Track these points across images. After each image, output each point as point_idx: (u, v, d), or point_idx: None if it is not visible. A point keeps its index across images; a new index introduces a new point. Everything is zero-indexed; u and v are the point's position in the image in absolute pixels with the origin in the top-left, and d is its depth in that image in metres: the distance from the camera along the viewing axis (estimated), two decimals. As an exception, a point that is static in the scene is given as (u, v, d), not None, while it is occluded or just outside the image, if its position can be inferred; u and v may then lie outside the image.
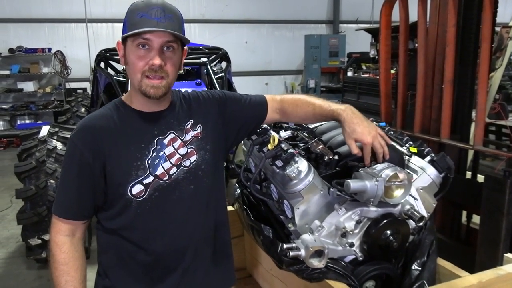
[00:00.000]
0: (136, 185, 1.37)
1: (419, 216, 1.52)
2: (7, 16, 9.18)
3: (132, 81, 1.41)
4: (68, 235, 1.39)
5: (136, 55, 1.36)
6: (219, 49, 5.17)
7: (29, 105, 9.33)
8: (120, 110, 1.44)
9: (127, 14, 1.37)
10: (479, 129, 2.32)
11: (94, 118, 1.43)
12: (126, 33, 1.35)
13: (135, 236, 1.41)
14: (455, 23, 2.40)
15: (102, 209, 1.43)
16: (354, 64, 9.92)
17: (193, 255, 1.48)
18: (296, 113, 1.62)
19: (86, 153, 1.35)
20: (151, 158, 1.39)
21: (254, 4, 11.09)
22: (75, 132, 1.41)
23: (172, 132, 1.45)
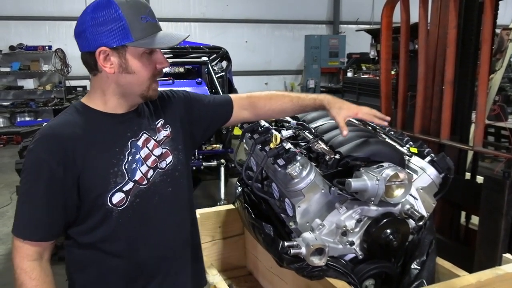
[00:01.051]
0: (116, 193, 1.27)
1: (419, 216, 1.53)
2: (8, 13, 9.18)
3: (131, 89, 1.29)
4: (37, 259, 1.24)
5: (145, 61, 1.27)
6: (219, 49, 5.18)
7: (29, 103, 9.32)
8: (84, 115, 1.30)
9: (123, 15, 1.21)
10: (479, 130, 2.34)
11: (57, 126, 1.27)
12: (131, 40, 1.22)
13: (117, 247, 1.31)
14: (456, 24, 2.42)
15: (74, 224, 1.30)
16: (354, 64, 9.94)
17: (174, 258, 1.43)
18: (270, 106, 1.59)
19: (55, 165, 1.20)
20: (127, 162, 1.29)
21: (254, 3, 11.10)
22: (37, 144, 1.24)
23: (145, 133, 1.36)
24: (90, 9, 1.25)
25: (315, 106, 1.60)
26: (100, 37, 1.22)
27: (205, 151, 4.48)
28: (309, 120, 1.91)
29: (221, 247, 2.23)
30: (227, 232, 2.23)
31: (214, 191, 5.39)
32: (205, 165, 4.38)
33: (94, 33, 1.23)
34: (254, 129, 1.81)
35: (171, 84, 4.50)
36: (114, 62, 1.25)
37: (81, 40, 1.26)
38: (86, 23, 1.24)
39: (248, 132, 1.82)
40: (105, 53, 1.23)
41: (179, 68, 4.90)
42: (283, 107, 1.60)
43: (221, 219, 2.20)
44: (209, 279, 1.89)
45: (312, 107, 1.61)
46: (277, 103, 1.60)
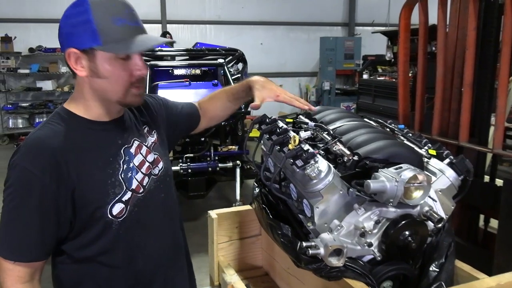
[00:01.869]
0: (116, 204, 1.23)
1: (437, 218, 1.52)
2: (28, 16, 9.38)
3: (106, 95, 1.22)
4: (28, 280, 1.17)
5: (119, 66, 1.18)
6: (235, 51, 5.22)
7: (47, 104, 9.50)
8: (71, 123, 1.24)
9: (93, 15, 1.13)
10: (499, 133, 2.32)
11: (45, 137, 1.18)
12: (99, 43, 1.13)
13: (116, 259, 1.27)
14: (476, 26, 2.40)
15: (68, 239, 1.23)
16: (370, 66, 9.88)
17: (171, 264, 1.42)
18: (214, 106, 1.66)
19: (48, 180, 1.13)
20: (123, 171, 1.25)
21: (269, 6, 11.13)
22: (24, 157, 1.15)
23: (136, 139, 1.33)
24: (67, 9, 1.20)
25: (244, 89, 1.61)
26: (71, 37, 1.17)
27: (221, 152, 4.51)
28: (327, 122, 1.92)
29: (238, 247, 2.25)
30: (244, 233, 2.24)
31: (229, 192, 5.42)
32: (220, 166, 4.41)
33: (66, 33, 1.18)
34: (272, 130, 1.82)
35: (187, 86, 4.55)
36: (85, 65, 1.19)
37: (59, 39, 1.23)
38: (61, 22, 1.21)
39: (266, 133, 1.83)
40: (75, 55, 1.18)
41: (196, 70, 4.94)
42: (222, 102, 1.65)
43: (238, 220, 2.22)
44: (226, 279, 1.91)
45: (242, 91, 1.63)
46: (217, 101, 1.66)
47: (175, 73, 4.86)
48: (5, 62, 9.11)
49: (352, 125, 1.82)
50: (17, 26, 9.27)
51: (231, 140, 4.82)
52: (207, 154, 4.39)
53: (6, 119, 9.49)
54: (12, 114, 9.48)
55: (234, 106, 1.69)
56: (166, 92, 4.38)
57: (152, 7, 10.20)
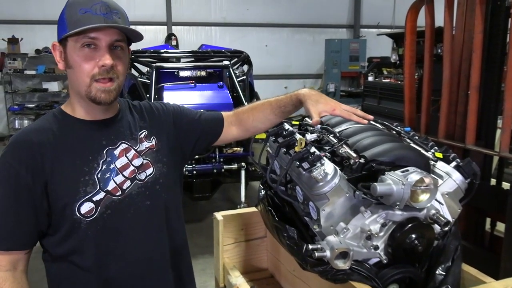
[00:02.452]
0: (85, 203, 1.22)
1: (444, 221, 1.52)
2: (34, 18, 9.43)
3: (77, 87, 1.24)
4: (9, 269, 1.20)
5: (82, 56, 1.20)
6: (241, 53, 5.23)
7: (53, 105, 9.52)
8: (60, 121, 1.28)
9: (65, 10, 1.22)
10: (506, 136, 2.30)
11: (29, 132, 1.25)
12: (66, 32, 1.19)
13: (86, 261, 1.25)
14: (482, 29, 2.39)
15: (47, 234, 1.26)
16: (375, 68, 9.87)
17: (153, 280, 1.35)
18: (254, 117, 1.56)
19: (23, 172, 1.18)
20: (100, 171, 1.25)
21: (274, 8, 11.14)
22: (7, 150, 1.22)
23: (124, 142, 1.32)
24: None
25: (293, 103, 1.51)
26: (57, 33, 1.25)
27: (226, 154, 4.52)
28: (333, 124, 1.92)
29: (244, 249, 2.25)
30: (250, 235, 2.25)
31: (234, 194, 5.43)
32: (225, 168, 4.41)
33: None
34: (278, 133, 1.82)
35: (193, 88, 4.56)
36: (62, 57, 1.25)
37: None
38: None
39: (272, 136, 1.83)
40: (57, 49, 1.26)
41: (201, 71, 4.96)
42: (265, 114, 1.55)
43: (244, 222, 2.22)
44: (232, 280, 1.91)
45: (291, 105, 1.52)
46: (259, 113, 1.56)
47: (180, 75, 4.88)
48: (12, 63, 9.16)
49: (358, 127, 1.82)
50: (23, 28, 9.33)
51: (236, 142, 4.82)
52: (212, 156, 4.40)
53: (13, 119, 9.53)
54: (18, 115, 9.52)
55: (278, 120, 1.60)
56: (171, 94, 4.39)
57: (158, 9, 10.24)
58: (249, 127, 1.59)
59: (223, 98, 4.45)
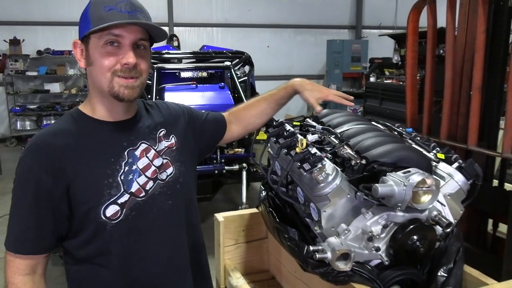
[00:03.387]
0: (110, 206, 1.21)
1: (446, 223, 1.51)
2: (36, 19, 9.45)
3: (99, 84, 1.23)
4: (29, 273, 1.19)
5: (105, 52, 1.19)
6: (242, 53, 5.22)
7: (55, 106, 9.55)
8: (79, 123, 1.26)
9: (89, 7, 1.21)
10: (508, 137, 2.29)
11: (48, 134, 1.23)
12: (89, 28, 1.17)
13: (111, 262, 1.25)
14: (485, 29, 2.38)
15: (68, 237, 1.25)
16: (377, 69, 9.85)
17: (174, 277, 1.36)
18: (250, 113, 1.64)
19: (44, 176, 1.16)
20: (123, 173, 1.24)
21: (276, 8, 11.14)
22: (26, 153, 1.20)
23: (144, 142, 1.31)
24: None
25: (288, 94, 1.64)
26: (78, 31, 1.25)
27: (227, 155, 4.51)
28: (334, 125, 1.91)
29: (244, 251, 2.24)
30: (251, 236, 2.24)
31: (235, 195, 5.42)
32: (227, 169, 4.41)
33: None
34: (279, 134, 1.81)
35: (194, 89, 4.56)
36: (84, 54, 1.25)
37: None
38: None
39: (273, 136, 1.83)
40: (79, 47, 1.25)
41: (202, 72, 4.95)
42: (260, 109, 1.64)
43: (245, 223, 2.21)
44: (233, 282, 1.90)
45: (286, 97, 1.64)
46: (255, 109, 1.64)
47: (181, 75, 4.87)
48: (14, 65, 9.16)
49: (360, 128, 1.82)
50: (25, 29, 9.33)
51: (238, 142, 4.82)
52: (214, 157, 4.39)
53: (14, 121, 9.55)
54: (20, 116, 9.54)
55: (273, 112, 1.68)
56: (173, 95, 4.39)
57: (159, 10, 10.25)
58: (246, 124, 1.65)
59: (224, 99, 4.44)
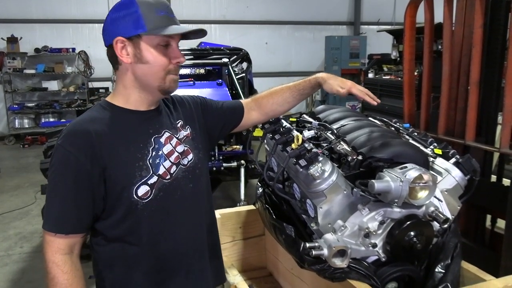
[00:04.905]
0: (142, 186, 1.32)
1: (443, 218, 1.50)
2: (34, 16, 9.41)
3: (148, 80, 1.34)
4: (68, 252, 1.27)
5: (161, 53, 1.32)
6: (240, 50, 5.20)
7: (53, 104, 9.53)
8: (109, 112, 1.36)
9: (139, 7, 1.28)
10: (506, 132, 2.28)
11: (84, 122, 1.33)
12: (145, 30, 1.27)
13: (140, 240, 1.35)
14: (482, 24, 2.37)
15: (101, 219, 1.34)
16: (375, 65, 9.83)
17: (195, 255, 1.46)
18: (273, 101, 1.69)
19: (83, 158, 1.25)
20: (151, 157, 1.35)
21: (274, 5, 11.11)
22: (64, 139, 1.28)
23: (167, 131, 1.42)
24: (113, 7, 1.33)
25: (311, 86, 1.68)
26: (117, 28, 1.30)
27: (225, 152, 4.50)
28: (331, 121, 1.90)
29: (242, 248, 2.24)
30: (248, 233, 2.23)
31: (234, 192, 5.41)
32: (225, 166, 4.40)
33: (112, 26, 1.31)
34: (275, 130, 1.80)
35: (191, 85, 4.54)
36: (130, 52, 1.31)
37: (104, 35, 1.34)
38: (108, 19, 1.33)
39: (269, 133, 1.82)
40: (122, 43, 1.30)
41: (200, 69, 4.93)
42: (284, 98, 1.68)
43: (242, 220, 2.21)
44: (230, 279, 1.89)
45: (309, 88, 1.68)
46: (278, 97, 1.69)
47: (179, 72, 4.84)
48: (11, 63, 9.13)
49: (356, 124, 1.81)
50: (23, 27, 9.29)
51: (236, 139, 4.80)
52: (212, 154, 4.38)
53: (12, 119, 9.52)
54: (18, 114, 9.51)
55: (296, 102, 1.73)
56: (171, 92, 4.37)
57: (157, 7, 10.20)
58: (268, 110, 1.71)
59: (222, 96, 4.42)
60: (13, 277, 3.75)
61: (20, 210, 5.27)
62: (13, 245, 4.35)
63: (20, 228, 4.75)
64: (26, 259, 4.05)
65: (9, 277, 3.74)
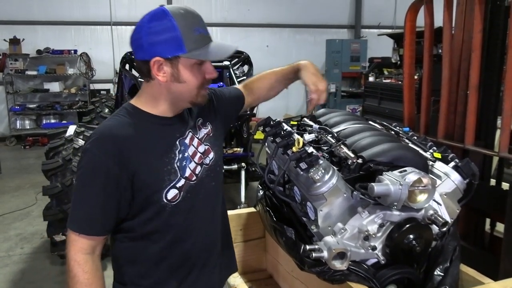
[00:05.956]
0: (171, 190, 1.35)
1: (442, 222, 1.51)
2: (36, 18, 9.44)
3: (183, 96, 1.37)
4: (90, 252, 1.31)
5: (196, 72, 1.34)
6: (241, 53, 5.22)
7: (54, 105, 9.56)
8: (136, 117, 1.38)
9: (179, 29, 1.27)
10: (505, 136, 2.29)
11: (112, 127, 1.35)
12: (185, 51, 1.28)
13: (165, 238, 1.39)
14: (481, 28, 2.38)
15: (126, 220, 1.37)
16: (376, 69, 9.84)
17: (214, 251, 1.53)
18: (261, 85, 1.75)
19: (111, 164, 1.27)
20: (178, 160, 1.38)
21: (276, 8, 11.12)
22: (94, 144, 1.31)
23: (190, 131, 1.45)
24: (146, 19, 1.31)
25: (294, 71, 1.71)
26: (155, 47, 1.28)
27: (226, 154, 4.51)
28: (331, 124, 1.91)
29: (242, 250, 2.25)
30: (248, 235, 2.24)
31: (234, 194, 5.41)
32: (225, 168, 4.41)
33: (149, 43, 1.29)
34: (276, 133, 1.82)
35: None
36: (167, 72, 1.31)
37: (137, 48, 1.33)
38: (142, 32, 1.30)
39: (270, 136, 1.83)
40: (159, 63, 1.30)
41: (201, 72, 4.94)
42: (270, 82, 1.75)
43: (242, 222, 2.22)
44: (230, 281, 1.90)
45: (292, 73, 1.73)
46: (265, 81, 1.76)
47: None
48: (13, 64, 9.16)
49: (357, 128, 1.82)
50: (25, 28, 9.33)
51: (236, 142, 4.82)
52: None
53: (14, 120, 9.55)
54: (20, 115, 9.54)
55: (282, 87, 1.79)
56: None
57: (159, 9, 10.22)
58: (259, 94, 1.77)
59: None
60: (14, 278, 3.76)
61: (21, 211, 5.28)
62: (13, 246, 4.37)
63: (20, 229, 4.76)
64: (26, 260, 4.06)
65: (9, 278, 3.75)
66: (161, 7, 1.31)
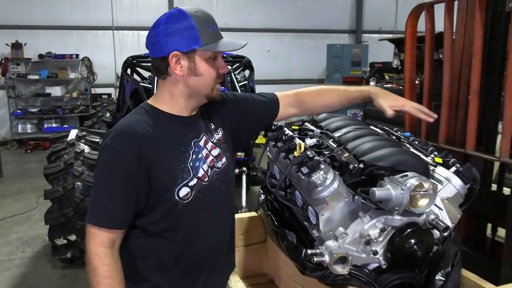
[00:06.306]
0: (183, 188, 1.40)
1: (443, 226, 1.52)
2: (38, 23, 9.47)
3: (200, 90, 1.44)
4: (109, 246, 1.34)
5: (211, 66, 1.42)
6: (242, 58, 5.23)
7: (56, 109, 9.58)
8: (153, 115, 1.43)
9: (196, 24, 1.36)
10: (506, 141, 2.30)
11: (131, 123, 1.39)
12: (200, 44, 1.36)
13: (177, 237, 1.44)
14: (482, 34, 2.39)
15: (141, 216, 1.41)
16: (377, 74, 9.86)
17: (222, 252, 1.58)
18: (318, 102, 1.73)
19: (131, 159, 1.32)
20: (192, 160, 1.43)
21: (277, 13, 11.17)
22: (114, 139, 1.35)
23: (204, 135, 1.51)
24: (164, 19, 1.39)
25: (362, 97, 1.72)
26: (173, 43, 1.37)
27: (227, 159, 4.50)
28: (332, 129, 1.92)
29: (243, 254, 2.25)
30: (250, 239, 2.25)
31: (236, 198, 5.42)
32: (227, 172, 4.40)
33: (167, 40, 1.37)
34: (278, 137, 1.82)
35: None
36: (184, 66, 1.39)
37: (154, 46, 1.40)
38: (160, 31, 1.38)
39: (272, 140, 1.84)
40: (177, 57, 1.37)
41: (203, 76, 4.95)
42: (330, 102, 1.74)
43: (244, 226, 2.22)
44: (231, 285, 1.91)
45: (360, 99, 1.73)
46: (325, 99, 1.73)
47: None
48: (15, 68, 9.18)
49: (358, 132, 1.83)
50: (27, 33, 9.35)
51: (238, 146, 4.81)
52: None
53: (15, 124, 9.56)
54: (21, 119, 9.56)
55: (340, 107, 1.79)
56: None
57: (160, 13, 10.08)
58: (309, 108, 1.76)
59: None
60: (15, 281, 3.76)
61: (22, 215, 5.29)
62: (15, 249, 4.37)
63: (22, 233, 4.76)
64: (28, 264, 4.06)
65: (10, 282, 3.75)
66: (177, 8, 1.41)
